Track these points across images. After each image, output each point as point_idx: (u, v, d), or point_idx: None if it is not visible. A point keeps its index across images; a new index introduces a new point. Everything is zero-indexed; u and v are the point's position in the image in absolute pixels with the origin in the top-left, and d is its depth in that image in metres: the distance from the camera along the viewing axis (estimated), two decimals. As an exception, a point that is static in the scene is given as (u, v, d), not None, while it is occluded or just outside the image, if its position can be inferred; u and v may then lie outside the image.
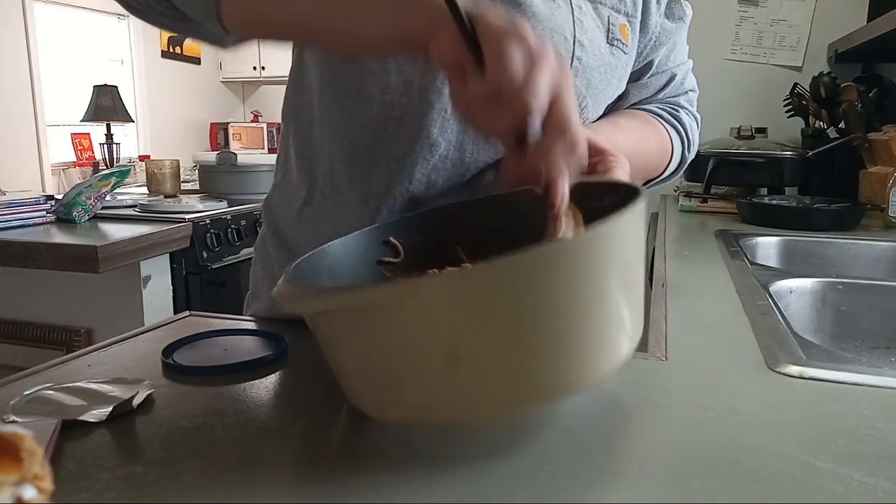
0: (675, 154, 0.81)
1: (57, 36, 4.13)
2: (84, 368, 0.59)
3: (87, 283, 1.71)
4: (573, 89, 0.47)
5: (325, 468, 0.42)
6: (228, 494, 0.39)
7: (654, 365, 0.60)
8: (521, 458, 0.43)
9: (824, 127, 1.92)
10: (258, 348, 0.62)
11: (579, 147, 0.47)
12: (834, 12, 2.06)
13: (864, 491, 0.39)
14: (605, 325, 0.41)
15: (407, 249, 0.58)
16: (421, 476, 0.41)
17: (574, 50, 0.66)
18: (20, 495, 0.29)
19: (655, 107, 0.81)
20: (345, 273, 0.54)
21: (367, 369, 0.41)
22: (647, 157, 0.77)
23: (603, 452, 0.44)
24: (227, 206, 2.07)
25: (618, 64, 0.71)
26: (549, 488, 0.39)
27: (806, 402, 0.52)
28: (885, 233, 1.39)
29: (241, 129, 5.31)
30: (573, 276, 0.38)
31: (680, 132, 0.81)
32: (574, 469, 0.42)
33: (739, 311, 0.78)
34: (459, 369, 0.38)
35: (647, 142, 0.77)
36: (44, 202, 1.82)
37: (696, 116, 0.85)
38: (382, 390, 0.41)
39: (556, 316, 0.38)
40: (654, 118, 0.80)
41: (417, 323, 0.38)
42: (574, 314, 0.39)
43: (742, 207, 1.57)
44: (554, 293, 0.38)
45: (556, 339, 0.39)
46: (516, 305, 0.37)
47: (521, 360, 0.38)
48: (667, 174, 0.83)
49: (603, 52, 0.69)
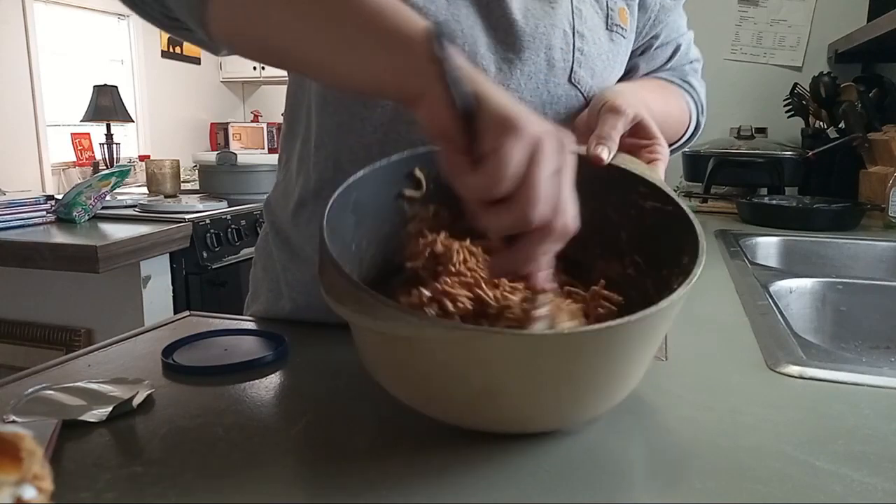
0: (691, 118, 0.82)
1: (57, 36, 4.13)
2: (84, 368, 0.59)
3: (87, 283, 1.71)
4: (572, 171, 0.44)
5: (325, 468, 0.42)
6: (228, 494, 0.39)
7: (654, 365, 0.59)
8: (522, 458, 0.43)
9: (824, 127, 1.92)
10: (258, 348, 0.62)
11: (566, 237, 0.44)
12: (834, 12, 2.06)
13: (864, 491, 0.39)
14: (620, 391, 0.46)
15: (430, 182, 0.56)
16: (421, 476, 0.41)
17: (574, 42, 0.67)
18: (20, 495, 0.29)
19: (666, 74, 0.82)
20: (370, 208, 0.52)
21: (397, 367, 0.44)
22: (672, 120, 0.78)
23: (603, 452, 0.44)
24: (227, 206, 2.07)
25: (618, 49, 0.72)
26: (549, 488, 0.39)
27: (806, 402, 0.52)
28: (885, 233, 1.39)
29: (241, 129, 5.31)
30: (619, 354, 0.42)
31: (693, 96, 0.82)
32: (574, 469, 0.42)
33: (739, 311, 0.78)
34: (488, 401, 0.42)
35: (670, 105, 0.78)
36: (44, 202, 1.82)
37: (702, 82, 0.85)
38: (407, 385, 0.45)
39: (584, 385, 0.43)
40: (669, 84, 0.81)
41: (455, 362, 0.41)
42: (599, 387, 0.44)
43: (742, 207, 1.57)
44: (593, 368, 0.42)
45: (574, 400, 0.44)
46: (553, 371, 0.41)
47: (539, 407, 0.43)
48: (685, 139, 0.83)
49: (603, 39, 0.70)
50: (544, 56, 0.66)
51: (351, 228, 0.51)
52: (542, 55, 0.66)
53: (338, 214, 0.49)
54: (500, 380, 0.41)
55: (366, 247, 0.54)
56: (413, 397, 0.45)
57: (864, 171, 1.71)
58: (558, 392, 0.42)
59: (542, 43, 0.66)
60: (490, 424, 0.45)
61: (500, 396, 0.42)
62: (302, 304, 0.73)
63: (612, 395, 0.45)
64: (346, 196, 0.50)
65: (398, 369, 0.45)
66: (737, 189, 1.80)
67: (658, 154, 0.61)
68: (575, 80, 0.67)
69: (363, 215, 0.52)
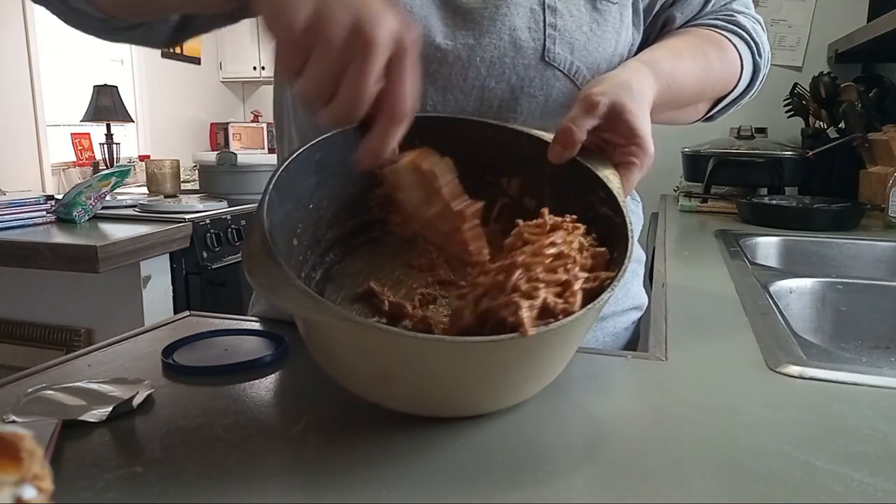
0: (745, 64, 0.73)
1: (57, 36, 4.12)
2: (84, 368, 0.59)
3: (87, 283, 1.71)
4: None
5: (325, 468, 0.42)
6: (228, 494, 0.39)
7: (654, 365, 0.60)
8: (521, 457, 0.43)
9: (824, 127, 1.92)
10: (258, 348, 0.62)
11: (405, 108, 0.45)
12: (834, 12, 2.06)
13: (864, 491, 0.39)
14: (525, 391, 0.48)
15: (404, 149, 0.54)
16: (421, 476, 0.41)
17: (545, 17, 0.63)
18: (20, 495, 0.29)
19: (708, 20, 0.74)
20: (335, 169, 0.53)
21: (316, 341, 0.48)
22: (712, 78, 0.71)
23: (603, 452, 0.44)
24: (227, 206, 2.07)
25: (608, 17, 0.66)
26: (549, 488, 0.39)
27: (806, 402, 0.52)
28: (885, 233, 1.39)
29: (241, 129, 5.30)
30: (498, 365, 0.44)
31: (744, 37, 0.73)
32: (574, 469, 0.42)
33: (739, 311, 0.78)
34: (384, 383, 0.45)
35: (709, 61, 0.70)
36: (44, 202, 1.82)
37: (758, 18, 0.77)
38: (323, 358, 0.48)
39: (474, 385, 0.45)
40: (711, 31, 0.73)
41: (356, 349, 0.44)
42: (489, 387, 0.46)
43: (742, 207, 1.57)
44: (480, 373, 0.43)
45: (466, 395, 0.46)
46: (442, 370, 0.43)
47: (437, 394, 0.45)
48: (740, 89, 0.75)
49: (583, 10, 0.65)
50: (508, 38, 0.62)
51: (310, 188, 0.52)
52: (505, 38, 0.62)
53: (295, 174, 0.49)
54: (391, 369, 0.43)
55: (326, 206, 0.54)
56: (330, 369, 0.48)
57: (864, 171, 1.71)
58: (454, 385, 0.44)
59: (505, 24, 0.62)
60: (398, 404, 0.47)
61: (393, 381, 0.44)
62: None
63: (510, 392, 0.47)
64: (310, 156, 0.50)
65: (316, 343, 0.48)
66: (737, 189, 1.80)
67: (633, 157, 0.55)
68: (550, 59, 0.63)
69: (327, 175, 0.53)
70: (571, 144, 0.53)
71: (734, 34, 0.73)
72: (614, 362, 0.60)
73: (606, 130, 0.55)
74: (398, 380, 0.44)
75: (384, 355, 0.43)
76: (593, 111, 0.54)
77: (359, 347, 0.43)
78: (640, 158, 0.55)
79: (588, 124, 0.54)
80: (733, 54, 0.72)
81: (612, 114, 0.54)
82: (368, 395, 0.47)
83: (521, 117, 0.65)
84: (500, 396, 0.47)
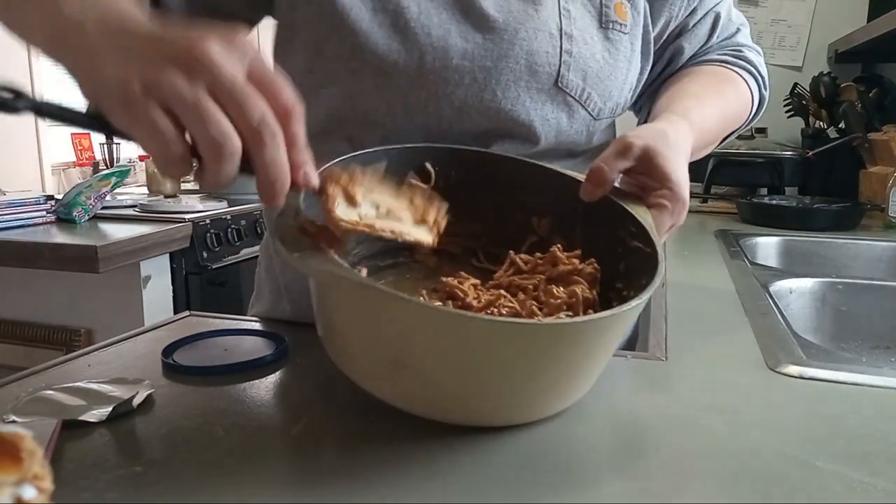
0: (754, 98, 0.78)
1: (57, 36, 4.13)
2: (84, 368, 0.59)
3: (87, 283, 1.71)
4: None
5: (325, 468, 0.42)
6: (228, 494, 0.39)
7: (654, 365, 0.60)
8: (522, 457, 0.43)
9: (824, 127, 1.91)
10: (258, 348, 0.62)
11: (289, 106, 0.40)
12: (834, 12, 2.06)
13: (864, 491, 0.39)
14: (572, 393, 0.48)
15: (440, 180, 0.58)
16: (421, 476, 0.41)
17: (562, 44, 0.64)
18: (20, 495, 0.29)
19: (717, 55, 0.78)
20: None
21: (326, 323, 0.49)
22: (731, 115, 0.75)
23: (603, 452, 0.44)
24: (227, 206, 2.07)
25: (619, 46, 0.68)
26: (549, 488, 0.39)
27: (806, 402, 0.52)
28: (885, 233, 1.39)
29: (241, 129, 5.31)
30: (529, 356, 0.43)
31: (752, 72, 0.77)
32: (574, 469, 0.42)
33: (739, 311, 0.78)
34: (398, 370, 0.43)
35: (727, 101, 0.74)
36: (44, 202, 1.82)
37: (757, 49, 0.81)
38: (332, 342, 0.49)
39: (496, 380, 0.44)
40: (723, 67, 0.76)
41: (372, 329, 0.43)
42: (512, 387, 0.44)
43: (742, 207, 1.57)
44: (502, 362, 0.42)
45: (482, 395, 0.45)
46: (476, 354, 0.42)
47: (461, 391, 0.44)
48: (748, 121, 0.80)
49: (595, 39, 0.66)
50: (525, 62, 0.63)
51: None
52: (522, 62, 0.63)
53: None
54: (405, 352, 0.42)
55: None
56: (341, 357, 0.48)
57: (864, 171, 1.71)
58: (485, 380, 0.43)
59: (523, 49, 0.63)
60: (405, 400, 0.46)
61: (407, 369, 0.43)
62: (304, 305, 0.73)
63: (533, 401, 0.46)
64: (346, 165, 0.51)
65: (329, 324, 0.48)
66: (737, 189, 1.80)
67: (664, 200, 0.56)
68: (562, 84, 0.65)
69: None
70: (602, 183, 0.56)
71: (744, 70, 0.77)
72: (614, 362, 0.60)
73: (641, 173, 0.57)
74: (412, 367, 0.43)
75: (402, 334, 0.41)
76: (627, 153, 0.56)
77: (376, 324, 0.42)
78: (671, 202, 0.56)
79: (620, 165, 0.56)
80: (745, 89, 0.77)
81: (646, 157, 0.56)
82: (376, 388, 0.46)
83: (536, 141, 0.66)
84: (525, 403, 0.46)
